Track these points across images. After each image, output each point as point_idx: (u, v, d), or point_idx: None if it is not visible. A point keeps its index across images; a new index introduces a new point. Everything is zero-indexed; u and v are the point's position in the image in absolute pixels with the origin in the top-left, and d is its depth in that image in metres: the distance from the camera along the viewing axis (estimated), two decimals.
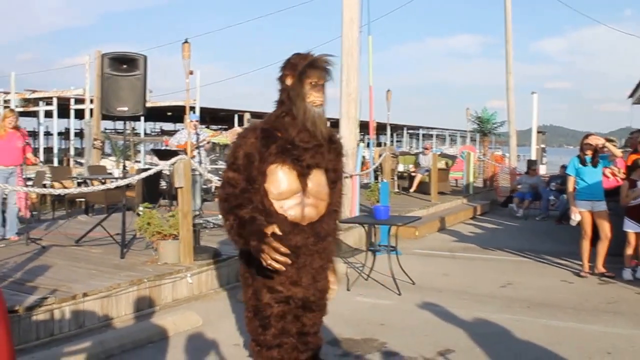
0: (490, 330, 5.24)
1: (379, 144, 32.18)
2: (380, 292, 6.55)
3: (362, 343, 4.83)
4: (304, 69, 3.43)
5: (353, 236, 9.13)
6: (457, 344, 4.84)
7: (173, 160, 6.56)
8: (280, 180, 3.29)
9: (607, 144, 7.66)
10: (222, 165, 25.10)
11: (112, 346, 4.49)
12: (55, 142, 26.33)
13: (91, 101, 20.07)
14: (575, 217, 7.47)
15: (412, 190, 15.66)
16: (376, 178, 13.97)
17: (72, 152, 26.95)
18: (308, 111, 3.41)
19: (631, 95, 11.61)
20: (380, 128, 27.86)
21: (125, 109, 6.77)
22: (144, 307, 5.62)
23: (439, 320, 5.48)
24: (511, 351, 4.72)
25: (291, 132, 3.38)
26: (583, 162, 7.50)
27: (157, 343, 4.78)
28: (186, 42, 7.93)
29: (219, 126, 36.79)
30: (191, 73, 8.02)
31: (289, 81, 3.48)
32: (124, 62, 6.76)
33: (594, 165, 7.44)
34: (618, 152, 8.23)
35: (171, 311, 5.61)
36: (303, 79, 3.46)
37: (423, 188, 15.15)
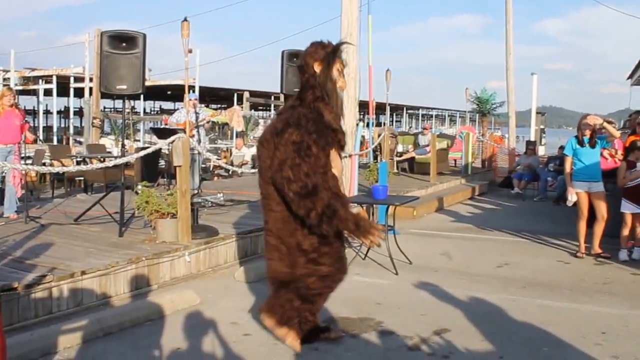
0: (486, 310, 5.28)
1: (378, 124, 32.13)
2: (377, 271, 6.59)
3: (358, 322, 4.87)
4: (332, 56, 3.79)
5: None
6: (453, 323, 4.88)
7: (171, 138, 6.55)
8: (336, 163, 3.71)
9: (606, 125, 7.64)
10: (221, 144, 25.15)
11: (110, 324, 4.53)
12: (54, 121, 26.31)
13: (91, 80, 20.02)
14: (571, 198, 7.49)
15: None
16: (375, 158, 13.98)
17: (71, 130, 26.95)
18: (338, 96, 3.81)
19: (630, 77, 11.57)
20: (380, 108, 27.80)
21: (124, 87, 6.75)
22: (142, 285, 5.65)
23: (435, 300, 5.52)
24: (506, 331, 4.76)
25: (327, 116, 3.69)
26: (581, 142, 7.49)
27: (154, 321, 4.81)
28: (185, 20, 7.89)
29: (218, 105, 36.74)
30: (190, 52, 7.99)
31: (317, 68, 3.80)
32: (123, 40, 6.73)
33: (592, 146, 7.43)
34: (616, 133, 8.22)
35: (169, 289, 5.65)
36: (332, 65, 3.79)
37: (422, 168, 15.15)
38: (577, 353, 4.29)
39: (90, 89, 19.81)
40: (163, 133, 10.64)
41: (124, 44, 6.71)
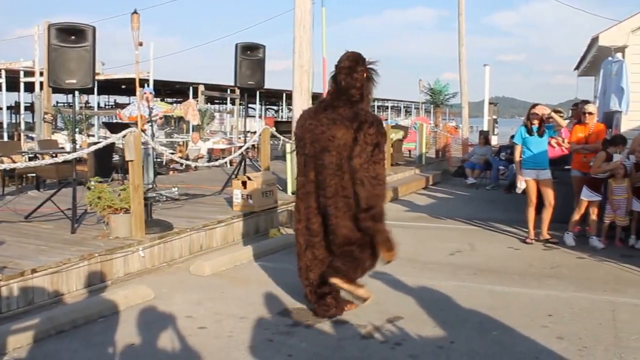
0: (438, 297, 5.40)
1: None
2: None
3: (312, 313, 4.92)
4: (375, 73, 4.73)
5: None
6: (405, 311, 4.98)
7: (123, 133, 6.48)
8: None
9: (553, 114, 7.87)
10: (177, 138, 24.89)
11: (62, 322, 4.48)
12: (4, 117, 25.57)
13: (41, 74, 19.53)
14: (520, 185, 7.70)
15: None
16: None
17: (22, 126, 26.26)
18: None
19: (577, 68, 11.89)
20: None
21: (74, 81, 6.64)
22: (96, 282, 5.60)
23: (388, 289, 5.61)
24: (457, 316, 4.88)
25: None
26: (530, 131, 7.70)
27: (108, 317, 4.78)
28: (135, 13, 7.80)
29: (174, 99, 36.31)
30: (141, 44, 7.90)
31: (364, 77, 4.68)
32: (72, 33, 6.60)
33: (540, 135, 7.64)
34: (563, 122, 8.47)
35: (123, 285, 5.61)
36: (373, 81, 4.74)
37: None
38: (525, 336, 4.44)
39: (41, 83, 19.34)
40: (115, 127, 10.52)
41: (73, 37, 6.59)
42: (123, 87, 30.02)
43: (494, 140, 20.77)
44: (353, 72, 4.64)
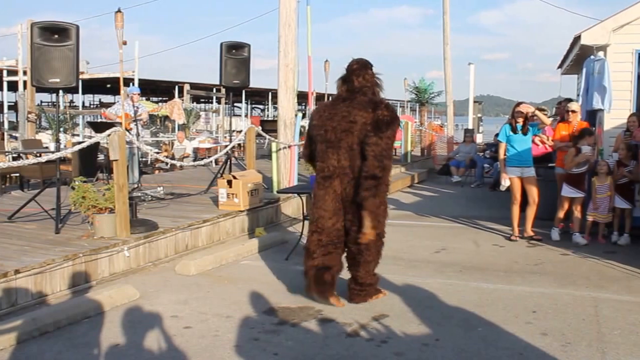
0: (424, 295, 5.43)
1: None
2: None
3: (298, 311, 4.93)
4: (380, 80, 5.26)
5: (291, 206, 9.22)
6: (391, 308, 5.00)
7: (107, 132, 6.45)
8: None
9: (537, 112, 7.94)
10: (163, 137, 24.78)
11: (45, 323, 4.44)
12: None
13: (24, 73, 19.36)
14: (504, 183, 7.76)
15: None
16: None
17: (6, 125, 26.05)
18: None
19: (560, 66, 11.97)
20: (321, 99, 27.91)
21: (57, 80, 6.58)
22: (80, 282, 5.56)
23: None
24: (442, 314, 4.91)
25: None
26: (514, 129, 7.75)
27: (93, 318, 4.75)
28: (119, 11, 7.77)
29: (159, 98, 36.16)
30: (125, 43, 7.88)
31: (373, 79, 5.19)
32: (55, 32, 6.55)
33: (524, 133, 7.70)
34: (547, 120, 8.55)
35: (108, 285, 5.57)
36: (380, 86, 5.26)
37: None
38: (509, 332, 4.47)
39: (25, 82, 19.17)
40: (100, 127, 10.46)
41: (56, 36, 6.53)
42: (108, 86, 29.84)
43: (479, 139, 20.89)
44: (364, 74, 5.14)
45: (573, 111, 8.12)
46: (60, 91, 15.60)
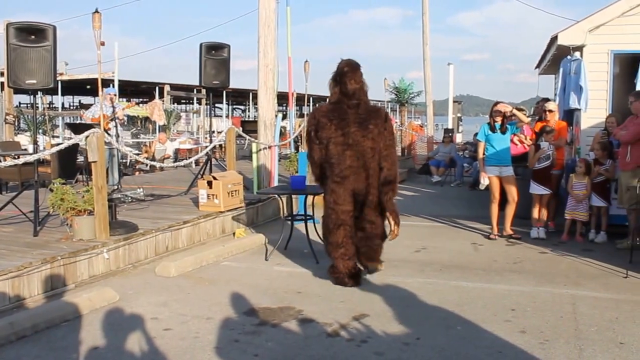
0: (404, 294, 5.46)
1: (301, 115, 32.23)
2: (298, 260, 6.68)
3: (278, 311, 4.94)
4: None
5: (272, 206, 9.21)
6: (371, 308, 5.02)
7: (86, 133, 6.40)
8: None
9: (515, 112, 8.00)
10: (144, 138, 24.63)
11: (23, 327, 4.40)
12: None
13: (1, 74, 19.14)
14: (483, 182, 7.83)
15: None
16: (297, 149, 14.03)
17: None
18: None
19: (537, 66, 12.07)
20: (301, 99, 27.89)
21: (34, 81, 6.52)
22: (59, 285, 5.51)
23: (354, 287, 5.64)
24: (423, 313, 4.94)
25: None
26: (493, 129, 7.82)
27: (71, 321, 4.71)
28: (97, 12, 7.69)
29: (140, 99, 35.93)
30: (103, 44, 7.80)
31: (362, 80, 5.68)
32: (32, 33, 6.48)
33: (503, 132, 7.77)
34: (525, 119, 8.62)
35: (87, 288, 5.53)
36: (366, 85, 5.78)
37: None
38: (488, 330, 4.51)
39: (2, 83, 18.95)
40: (78, 128, 10.36)
41: (32, 37, 6.47)
42: (88, 87, 29.59)
43: (459, 138, 21.03)
44: (355, 77, 5.65)
45: (550, 111, 8.22)
46: (39, 92, 15.42)
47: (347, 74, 5.63)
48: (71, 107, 39.49)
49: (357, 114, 5.63)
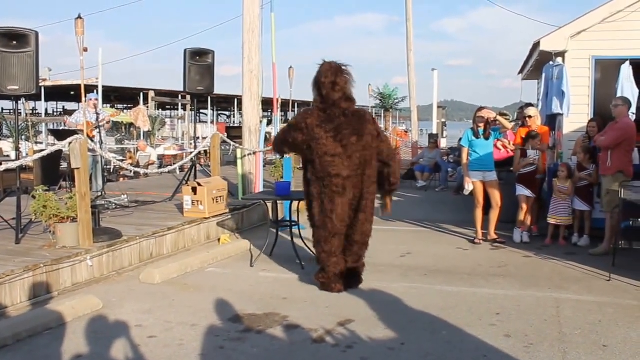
0: (389, 299, 5.46)
1: (286, 121, 32.23)
2: (283, 266, 6.66)
3: (264, 318, 4.92)
4: (350, 75, 5.70)
5: (257, 212, 9.19)
6: (357, 313, 5.02)
7: (69, 140, 6.35)
8: None
9: (499, 117, 8.08)
10: (129, 144, 24.52)
11: (4, 336, 4.33)
12: None
13: None
14: (468, 187, 7.87)
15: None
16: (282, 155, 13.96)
17: None
18: None
19: (520, 72, 12.19)
20: (286, 105, 27.89)
21: (16, 87, 6.47)
22: (41, 293, 5.46)
23: (339, 292, 5.64)
24: (408, 318, 4.95)
25: None
26: (476, 134, 7.87)
27: (54, 330, 4.66)
28: (79, 17, 7.65)
29: (124, 105, 35.77)
30: (86, 50, 7.75)
31: (345, 84, 5.59)
32: (13, 38, 6.43)
33: (486, 137, 7.82)
34: (508, 125, 8.71)
35: (70, 296, 5.48)
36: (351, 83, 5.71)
37: None
38: (473, 335, 4.52)
39: None
40: (61, 135, 10.30)
41: (14, 42, 6.42)
42: (72, 93, 29.44)
43: (443, 143, 21.13)
44: (336, 85, 5.54)
45: (529, 117, 8.28)
46: (22, 99, 15.32)
47: (327, 84, 5.57)
48: (55, 113, 39.25)
49: (350, 123, 5.59)
